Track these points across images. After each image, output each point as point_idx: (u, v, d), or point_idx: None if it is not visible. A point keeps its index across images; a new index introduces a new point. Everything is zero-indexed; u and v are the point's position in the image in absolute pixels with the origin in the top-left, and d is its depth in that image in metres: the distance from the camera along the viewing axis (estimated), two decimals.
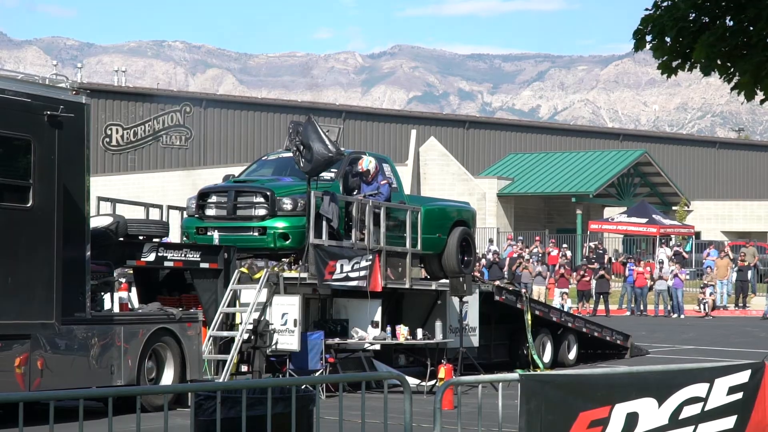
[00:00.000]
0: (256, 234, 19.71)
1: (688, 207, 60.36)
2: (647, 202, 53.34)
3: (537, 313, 24.63)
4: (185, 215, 20.73)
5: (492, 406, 10.53)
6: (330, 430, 10.76)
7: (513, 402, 10.15)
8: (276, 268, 19.29)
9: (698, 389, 10.71)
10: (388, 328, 20.53)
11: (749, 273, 43.17)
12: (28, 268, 15.05)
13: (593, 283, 42.22)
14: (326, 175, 20.04)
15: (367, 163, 20.77)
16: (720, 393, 10.80)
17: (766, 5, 10.19)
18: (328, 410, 13.13)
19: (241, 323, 18.79)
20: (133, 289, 19.04)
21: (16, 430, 8.18)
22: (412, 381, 18.41)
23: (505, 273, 42.10)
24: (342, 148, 20.05)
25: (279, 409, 9.37)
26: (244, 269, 19.19)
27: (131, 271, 19.44)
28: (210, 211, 20.13)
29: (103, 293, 17.16)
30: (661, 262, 44.46)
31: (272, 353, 18.91)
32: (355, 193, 20.63)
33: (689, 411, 10.63)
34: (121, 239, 18.06)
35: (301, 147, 19.12)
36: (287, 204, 19.58)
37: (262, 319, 18.84)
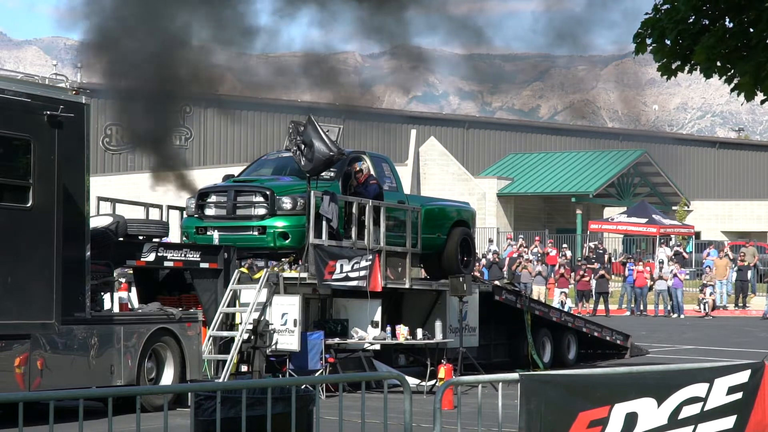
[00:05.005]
0: (255, 233, 19.72)
1: (688, 207, 60.37)
2: (647, 202, 53.35)
3: (537, 313, 24.63)
4: (185, 215, 20.74)
5: (492, 406, 10.53)
6: (330, 430, 10.76)
7: (513, 402, 10.15)
8: (276, 268, 19.29)
9: (698, 389, 10.71)
10: (388, 328, 20.53)
11: (749, 273, 43.15)
12: (28, 268, 15.05)
13: (593, 283, 42.22)
14: (326, 174, 20.06)
15: (359, 164, 20.85)
16: (719, 393, 10.80)
17: (766, 7, 10.21)
18: (328, 410, 13.13)
19: (241, 323, 18.79)
20: (133, 289, 19.05)
21: (16, 430, 8.18)
22: (412, 381, 18.40)
23: (505, 273, 42.11)
24: (342, 148, 20.08)
25: (279, 409, 9.38)
26: (244, 269, 19.20)
27: (131, 271, 19.44)
28: (209, 211, 20.13)
29: (103, 293, 17.16)
30: (661, 262, 44.46)
31: (272, 353, 18.91)
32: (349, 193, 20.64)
33: (689, 411, 10.64)
34: (121, 239, 18.07)
35: (302, 146, 19.13)
36: (287, 203, 19.58)
37: (262, 319, 18.85)
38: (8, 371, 14.92)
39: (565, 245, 48.10)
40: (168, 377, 17.44)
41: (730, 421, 10.88)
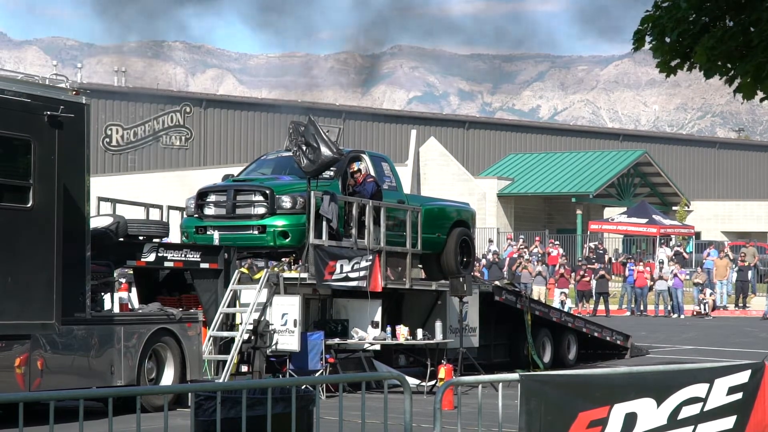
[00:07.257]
0: (255, 232, 19.71)
1: (688, 207, 60.37)
2: (647, 203, 53.33)
3: (537, 313, 24.64)
4: (185, 215, 20.72)
5: (492, 406, 10.54)
6: (330, 430, 10.77)
7: (513, 402, 10.16)
8: (276, 268, 19.29)
9: (698, 389, 10.70)
10: (388, 328, 20.52)
11: (749, 273, 43.17)
12: (28, 268, 15.05)
13: (593, 283, 42.21)
14: (325, 174, 20.04)
15: (357, 164, 20.84)
16: (719, 393, 10.80)
17: (767, 7, 10.20)
18: (328, 410, 13.13)
19: (241, 323, 18.79)
20: (133, 289, 19.05)
21: (16, 430, 8.18)
22: (412, 381, 18.41)
23: (505, 273, 42.09)
24: (342, 148, 20.08)
25: (279, 409, 9.38)
26: (244, 269, 19.19)
27: (131, 271, 19.45)
28: (209, 211, 20.12)
29: (103, 293, 17.16)
30: (661, 262, 44.47)
31: (272, 353, 18.91)
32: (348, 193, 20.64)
33: (688, 411, 10.63)
34: (121, 239, 18.06)
35: (304, 147, 19.12)
36: (286, 202, 19.58)
37: (262, 319, 18.85)
38: (8, 371, 14.92)
39: (557, 242, 48.19)
40: (168, 377, 17.44)
41: (730, 422, 10.88)
